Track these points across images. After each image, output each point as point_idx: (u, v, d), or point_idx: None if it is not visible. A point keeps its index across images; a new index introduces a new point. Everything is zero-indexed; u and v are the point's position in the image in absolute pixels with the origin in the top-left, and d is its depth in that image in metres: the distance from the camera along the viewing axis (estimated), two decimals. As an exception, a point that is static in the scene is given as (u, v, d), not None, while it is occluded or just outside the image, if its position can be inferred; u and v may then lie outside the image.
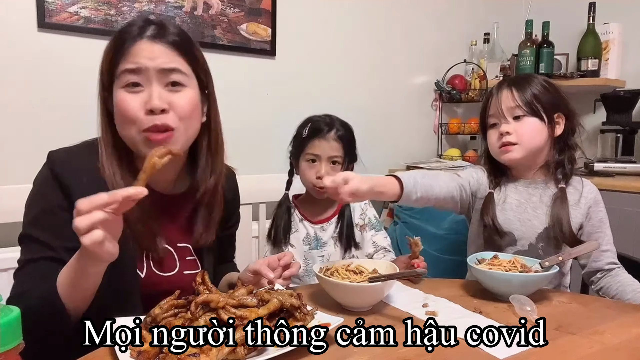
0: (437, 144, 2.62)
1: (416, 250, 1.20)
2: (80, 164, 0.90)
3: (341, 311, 0.92)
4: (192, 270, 1.00)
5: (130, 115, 0.86)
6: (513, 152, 1.20)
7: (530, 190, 1.24)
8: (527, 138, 1.19)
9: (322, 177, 1.33)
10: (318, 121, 1.40)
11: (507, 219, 1.22)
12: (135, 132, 0.87)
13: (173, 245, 0.99)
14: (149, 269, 0.94)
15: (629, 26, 2.35)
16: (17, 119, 1.55)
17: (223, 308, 0.71)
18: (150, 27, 0.89)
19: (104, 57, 0.90)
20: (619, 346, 0.80)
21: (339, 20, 2.24)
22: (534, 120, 1.19)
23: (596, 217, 1.23)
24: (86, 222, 0.68)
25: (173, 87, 0.88)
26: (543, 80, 1.23)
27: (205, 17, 1.87)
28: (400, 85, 2.50)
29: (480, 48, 2.59)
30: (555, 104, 1.21)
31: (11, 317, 0.53)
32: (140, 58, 0.86)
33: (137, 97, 0.86)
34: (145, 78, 0.86)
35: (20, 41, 1.54)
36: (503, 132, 1.20)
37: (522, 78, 1.25)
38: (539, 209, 1.22)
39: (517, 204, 1.24)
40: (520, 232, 1.22)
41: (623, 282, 1.17)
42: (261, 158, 1.96)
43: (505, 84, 1.24)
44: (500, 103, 1.21)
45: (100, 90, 0.92)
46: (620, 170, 2.07)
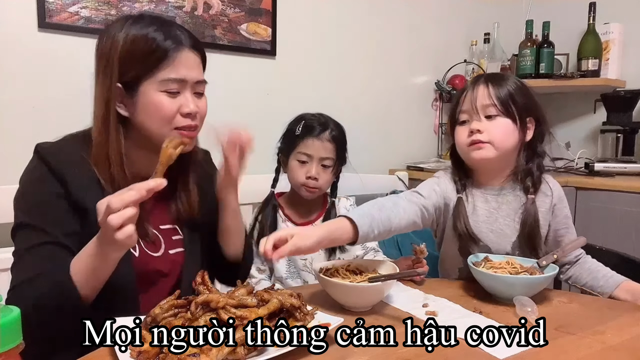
0: (437, 144, 2.63)
1: (421, 257, 1.20)
2: (69, 154, 0.94)
3: (341, 311, 0.92)
4: (177, 248, 1.04)
5: (168, 117, 0.94)
6: (484, 150, 1.13)
7: (499, 199, 1.19)
8: (499, 138, 1.13)
9: (313, 177, 1.33)
10: (312, 119, 1.37)
11: (479, 231, 1.16)
12: (168, 129, 0.95)
13: (156, 227, 1.02)
14: (141, 249, 0.98)
15: (629, 26, 2.35)
16: (17, 118, 1.55)
17: (223, 308, 0.71)
18: (183, 33, 0.96)
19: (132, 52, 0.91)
20: (619, 346, 0.80)
21: (339, 20, 2.24)
22: (506, 122, 1.13)
23: (561, 213, 1.21)
24: (120, 220, 0.74)
25: (198, 93, 0.99)
26: (518, 81, 1.19)
27: (205, 17, 1.87)
28: (400, 85, 2.50)
29: (481, 48, 2.59)
30: (529, 107, 1.16)
31: (11, 317, 0.53)
32: (183, 69, 0.94)
33: (176, 101, 0.95)
34: (183, 86, 0.95)
35: (20, 41, 1.54)
36: (474, 130, 1.13)
37: (500, 76, 1.20)
38: (508, 218, 1.17)
39: (488, 214, 1.18)
40: (494, 243, 1.17)
41: (592, 269, 1.17)
42: (261, 158, 1.95)
43: (482, 79, 1.18)
44: (475, 99, 1.15)
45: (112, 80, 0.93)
46: (621, 170, 2.07)
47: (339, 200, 1.46)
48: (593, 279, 1.16)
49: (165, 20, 0.98)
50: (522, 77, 2.43)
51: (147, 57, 0.92)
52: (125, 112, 0.94)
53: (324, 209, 1.43)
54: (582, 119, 2.54)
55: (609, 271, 1.16)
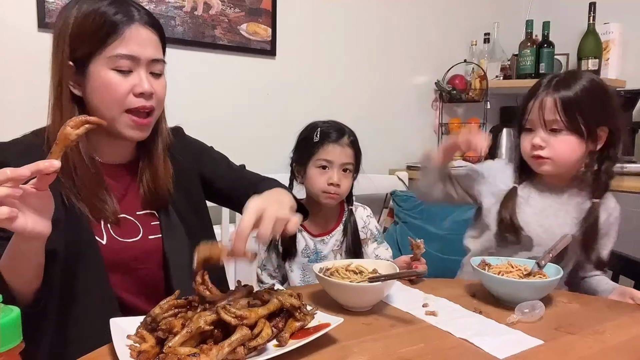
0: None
1: (417, 252, 1.19)
2: (17, 148, 0.92)
3: (341, 311, 0.91)
4: (157, 234, 1.01)
5: (119, 96, 0.90)
6: (545, 166, 1.14)
7: (557, 197, 1.18)
8: (561, 155, 1.12)
9: (335, 183, 1.29)
10: (327, 125, 1.34)
11: (527, 222, 1.17)
12: (118, 112, 0.91)
13: (131, 213, 0.99)
14: (109, 236, 0.94)
15: (629, 26, 2.35)
16: (17, 118, 1.55)
17: (223, 308, 0.71)
18: (138, 10, 0.92)
19: (82, 29, 0.89)
20: (619, 346, 0.80)
21: (339, 20, 2.24)
22: (571, 138, 1.10)
23: (608, 233, 1.21)
24: None
25: (155, 73, 0.95)
26: (593, 86, 1.12)
27: (205, 17, 1.87)
28: (400, 85, 2.50)
29: (481, 48, 2.59)
30: (601, 117, 1.12)
31: (11, 317, 0.53)
32: (134, 45, 0.90)
33: (127, 80, 0.90)
34: (136, 64, 0.91)
35: (20, 41, 1.54)
36: (536, 145, 1.13)
37: (571, 80, 1.12)
38: (561, 218, 1.17)
39: (541, 208, 1.18)
40: (540, 238, 1.16)
41: (600, 282, 1.19)
42: (261, 158, 1.95)
43: (552, 86, 1.12)
44: (542, 111, 1.11)
45: (62, 59, 0.91)
46: (621, 170, 2.07)
47: (356, 209, 1.44)
48: (595, 291, 1.18)
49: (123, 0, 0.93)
50: (522, 77, 2.43)
51: (96, 32, 0.88)
52: (79, 92, 0.92)
53: (340, 218, 1.39)
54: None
55: (613, 284, 1.17)
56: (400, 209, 2.17)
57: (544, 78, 1.16)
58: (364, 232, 1.39)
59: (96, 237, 0.92)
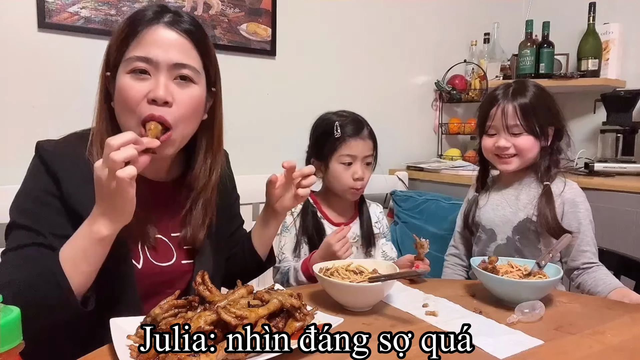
0: (437, 144, 2.62)
1: (421, 252, 1.20)
2: (68, 151, 0.88)
3: (341, 311, 0.92)
4: (189, 260, 0.98)
5: (131, 103, 0.82)
6: (511, 165, 1.31)
7: (512, 189, 1.36)
8: (524, 152, 1.29)
9: (360, 178, 1.31)
10: (344, 118, 1.34)
11: (486, 217, 1.36)
12: (135, 123, 0.83)
13: (167, 235, 0.96)
14: (146, 259, 0.91)
15: (629, 26, 2.35)
16: (17, 118, 1.55)
17: (223, 308, 0.71)
18: (167, 14, 0.87)
19: (115, 36, 0.87)
20: (619, 346, 0.80)
21: (339, 20, 2.24)
22: (530, 138, 1.28)
23: (574, 218, 1.27)
24: (122, 156, 0.69)
25: (182, 80, 0.86)
26: (540, 92, 1.31)
27: (205, 17, 1.87)
28: (400, 85, 2.50)
29: (481, 48, 2.59)
30: (549, 118, 1.31)
31: (11, 317, 0.53)
32: (152, 47, 0.83)
33: (143, 85, 0.83)
34: (154, 68, 0.83)
35: (20, 41, 1.54)
36: (502, 147, 1.29)
37: (523, 89, 1.30)
38: (513, 205, 1.33)
39: (497, 203, 1.36)
40: (499, 228, 1.34)
41: (597, 278, 1.21)
42: (261, 158, 1.95)
43: (510, 98, 1.29)
44: (504, 118, 1.28)
45: (103, 69, 0.89)
46: (621, 170, 2.07)
47: (370, 205, 1.46)
48: (593, 286, 1.19)
49: (161, 4, 0.90)
50: (522, 77, 2.43)
51: (120, 36, 0.85)
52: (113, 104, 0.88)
53: (355, 211, 1.43)
54: (582, 119, 2.53)
55: (613, 279, 1.17)
56: (400, 209, 2.17)
57: (499, 88, 1.34)
58: (377, 227, 1.43)
59: (133, 260, 0.89)
